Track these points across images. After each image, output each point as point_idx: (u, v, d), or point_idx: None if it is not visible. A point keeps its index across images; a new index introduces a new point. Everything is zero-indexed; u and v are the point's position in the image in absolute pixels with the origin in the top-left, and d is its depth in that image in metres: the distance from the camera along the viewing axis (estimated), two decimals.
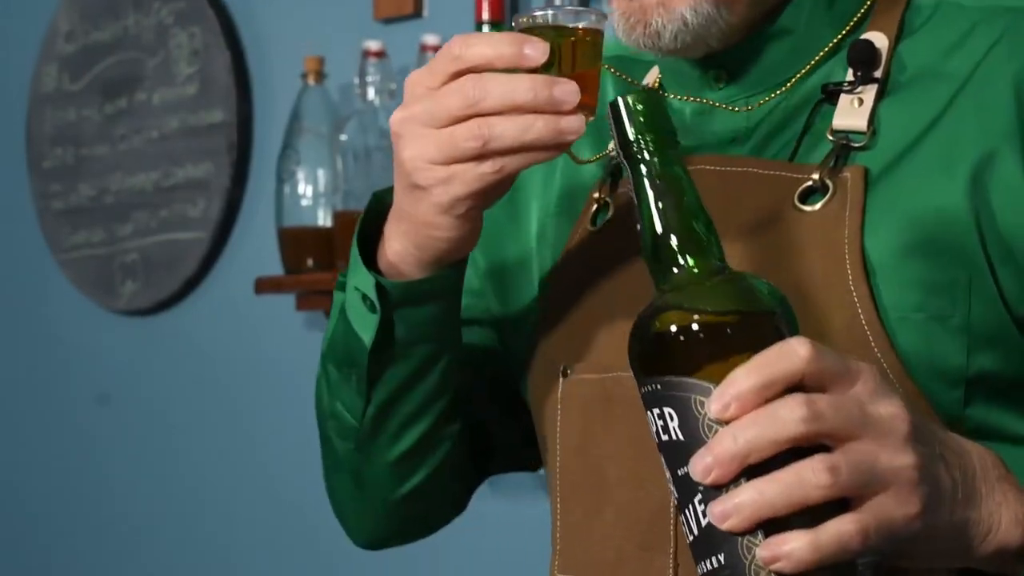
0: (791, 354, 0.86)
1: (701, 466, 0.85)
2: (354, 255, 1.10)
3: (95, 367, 3.04)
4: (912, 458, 0.89)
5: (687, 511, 0.88)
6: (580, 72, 1.01)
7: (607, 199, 1.16)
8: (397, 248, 1.08)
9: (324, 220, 2.56)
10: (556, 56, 1.00)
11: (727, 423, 0.85)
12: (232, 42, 2.80)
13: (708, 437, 0.86)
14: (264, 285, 2.61)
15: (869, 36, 1.09)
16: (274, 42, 2.77)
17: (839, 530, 0.86)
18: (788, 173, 1.07)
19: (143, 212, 2.91)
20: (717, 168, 1.09)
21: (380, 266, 1.10)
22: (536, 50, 0.99)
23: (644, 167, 0.91)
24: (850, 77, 1.08)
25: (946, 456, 0.93)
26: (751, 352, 0.86)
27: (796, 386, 0.86)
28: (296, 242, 2.56)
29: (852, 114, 1.07)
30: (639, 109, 0.92)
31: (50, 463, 3.12)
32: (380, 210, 1.11)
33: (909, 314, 1.02)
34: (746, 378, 0.85)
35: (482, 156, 0.99)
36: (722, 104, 1.13)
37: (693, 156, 1.09)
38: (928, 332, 1.02)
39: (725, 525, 0.85)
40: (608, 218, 1.15)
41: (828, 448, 0.87)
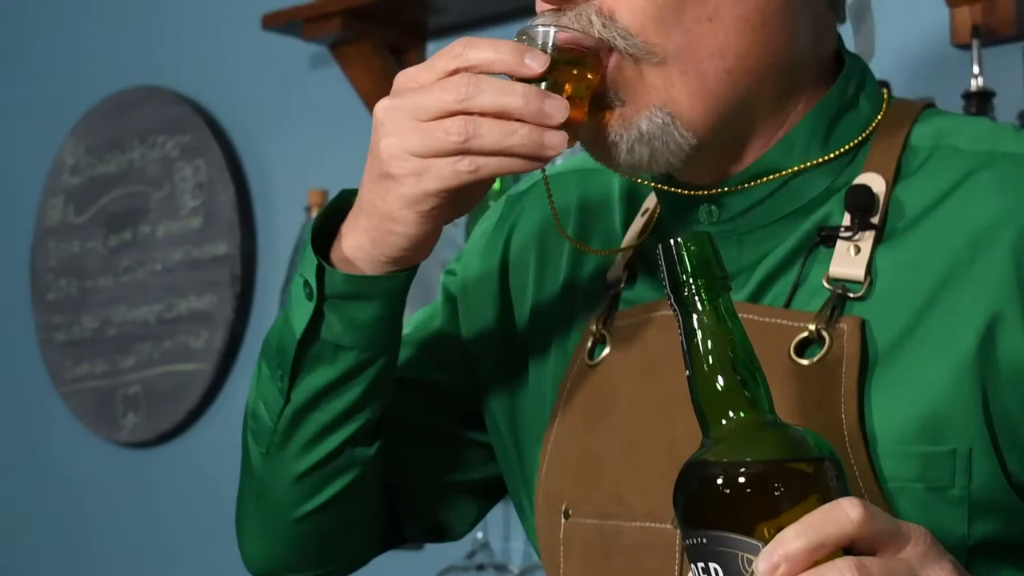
0: (842, 515, 0.84)
1: None
2: (306, 244, 1.11)
3: (97, 499, 3.02)
4: None
5: None
6: (572, 94, 1.02)
7: (604, 332, 1.15)
8: (352, 243, 1.09)
9: None
10: (555, 72, 1.02)
11: None
12: (236, 175, 2.82)
13: None
14: None
15: (866, 179, 1.08)
16: (278, 175, 2.79)
17: None
18: (785, 321, 1.06)
19: (146, 344, 2.91)
20: None
21: (333, 261, 1.10)
22: (536, 60, 1.01)
23: (695, 314, 0.89)
24: (847, 222, 1.07)
25: None
26: (801, 508, 0.84)
27: (846, 547, 0.84)
28: None
29: (849, 262, 1.06)
30: (691, 250, 0.89)
31: None
32: (343, 209, 1.11)
33: (907, 484, 1.01)
34: (796, 538, 0.83)
35: (461, 153, 1.00)
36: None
37: None
38: (927, 503, 1.01)
39: None
40: (604, 355, 1.14)
41: None
